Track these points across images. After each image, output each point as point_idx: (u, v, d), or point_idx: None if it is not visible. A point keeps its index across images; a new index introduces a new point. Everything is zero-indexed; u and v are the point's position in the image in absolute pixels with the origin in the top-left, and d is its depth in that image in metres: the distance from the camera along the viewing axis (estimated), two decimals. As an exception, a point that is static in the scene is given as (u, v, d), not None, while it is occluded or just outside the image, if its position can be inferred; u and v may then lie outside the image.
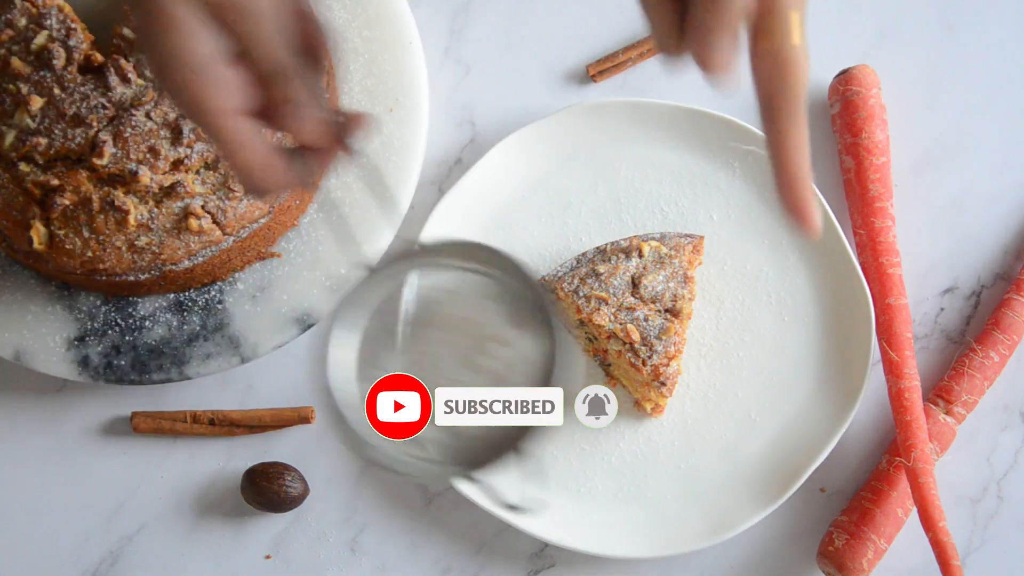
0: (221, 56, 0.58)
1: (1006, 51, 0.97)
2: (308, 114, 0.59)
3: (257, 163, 0.59)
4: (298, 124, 0.59)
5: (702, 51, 0.55)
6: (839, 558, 0.88)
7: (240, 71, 0.58)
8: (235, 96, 0.58)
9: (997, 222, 0.95)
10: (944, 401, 0.90)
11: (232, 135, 0.59)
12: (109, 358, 0.90)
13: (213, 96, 0.58)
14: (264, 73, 0.58)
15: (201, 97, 0.58)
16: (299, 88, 0.58)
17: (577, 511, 0.90)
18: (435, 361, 0.62)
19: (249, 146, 0.59)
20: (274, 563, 0.92)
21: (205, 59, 0.57)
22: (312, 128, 0.59)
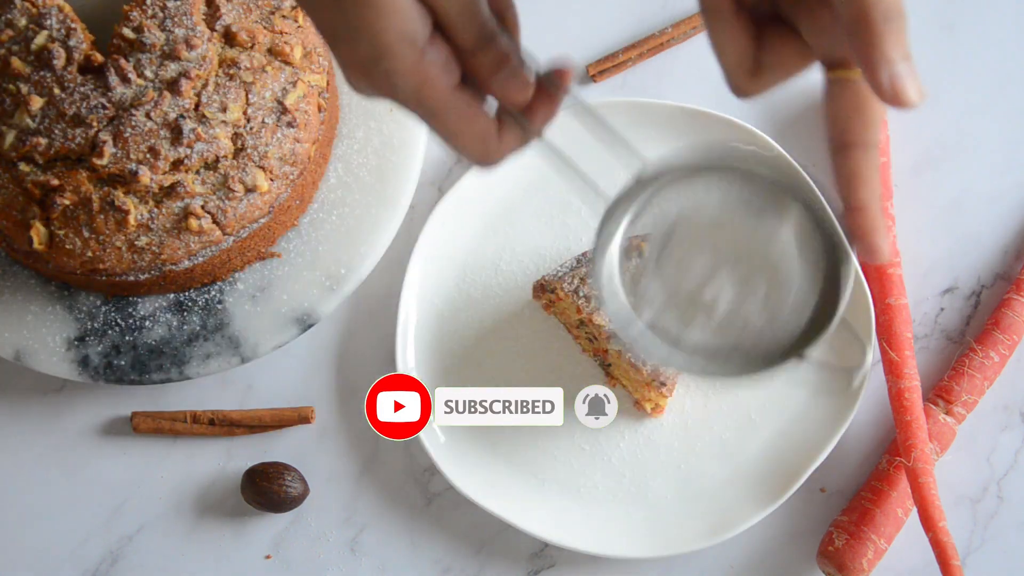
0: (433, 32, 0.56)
1: (1006, 51, 0.97)
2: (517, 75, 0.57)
3: (488, 134, 0.58)
4: (509, 86, 0.58)
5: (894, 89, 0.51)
6: (839, 558, 0.88)
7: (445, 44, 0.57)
8: (453, 71, 0.57)
9: (997, 222, 0.95)
10: (944, 401, 0.90)
11: (459, 111, 0.57)
12: (109, 358, 0.90)
13: (438, 76, 0.56)
14: (469, 42, 0.56)
15: (426, 78, 0.55)
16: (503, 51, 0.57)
17: (577, 511, 0.90)
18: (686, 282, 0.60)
19: (475, 120, 0.57)
20: (274, 563, 0.92)
21: (424, 38, 0.55)
22: (524, 87, 0.58)
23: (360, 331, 0.94)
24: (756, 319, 0.59)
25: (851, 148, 0.55)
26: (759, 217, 0.59)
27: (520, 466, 0.91)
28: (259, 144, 0.86)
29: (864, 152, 0.55)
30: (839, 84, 0.55)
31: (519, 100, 0.58)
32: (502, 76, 0.57)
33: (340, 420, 0.93)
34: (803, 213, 0.58)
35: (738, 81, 0.57)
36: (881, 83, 0.51)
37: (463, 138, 0.58)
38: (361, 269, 0.91)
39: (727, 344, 0.59)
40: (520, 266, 0.94)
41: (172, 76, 0.85)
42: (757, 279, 0.59)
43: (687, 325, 0.60)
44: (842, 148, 0.55)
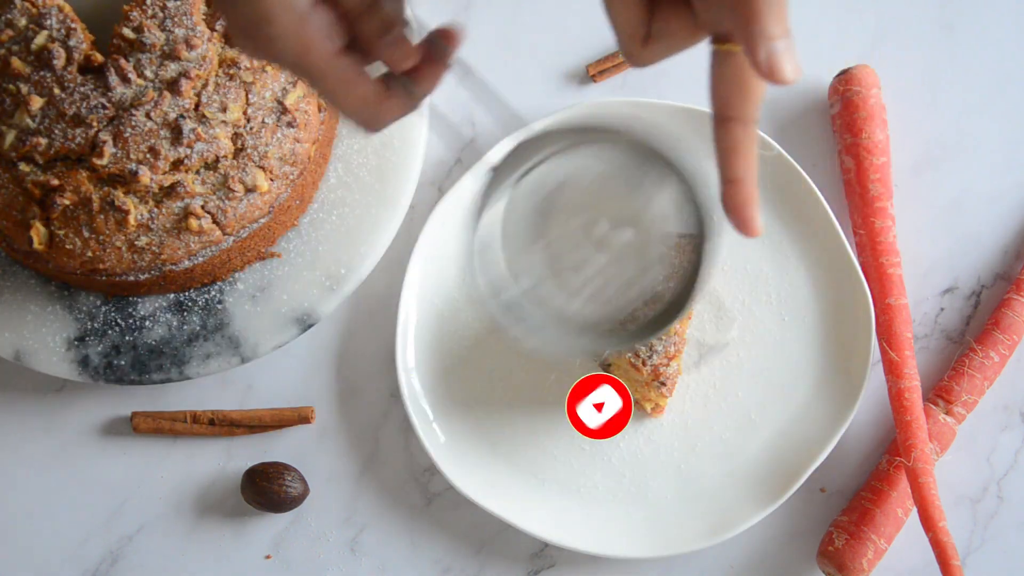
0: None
1: (1006, 51, 0.97)
2: (403, 40, 0.58)
3: (369, 98, 0.59)
4: (395, 51, 0.58)
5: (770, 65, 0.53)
6: (839, 558, 0.88)
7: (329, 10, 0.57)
8: (336, 36, 0.57)
9: (997, 222, 0.95)
10: (944, 401, 0.90)
11: (342, 76, 0.58)
12: (109, 358, 0.90)
13: (319, 40, 0.56)
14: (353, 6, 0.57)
15: (308, 42, 0.56)
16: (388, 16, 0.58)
17: (577, 511, 0.90)
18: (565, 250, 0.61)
19: (359, 83, 0.58)
20: (274, 563, 0.92)
21: (307, 3, 0.56)
22: (410, 51, 0.59)
23: (360, 331, 0.94)
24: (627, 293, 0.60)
25: (730, 121, 0.56)
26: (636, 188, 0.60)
27: (520, 466, 0.91)
28: (259, 144, 0.86)
29: (743, 126, 0.56)
30: (723, 57, 0.56)
31: (403, 64, 0.59)
32: (387, 40, 0.58)
33: (340, 420, 0.93)
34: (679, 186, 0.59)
35: (630, 49, 0.58)
36: (759, 59, 0.52)
37: (346, 102, 0.58)
38: (361, 269, 0.91)
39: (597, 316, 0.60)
40: None
41: (172, 76, 0.85)
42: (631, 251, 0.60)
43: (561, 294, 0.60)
44: (722, 121, 0.56)
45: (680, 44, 0.57)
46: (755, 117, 0.56)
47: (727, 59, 0.56)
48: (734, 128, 0.56)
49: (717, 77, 0.56)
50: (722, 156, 0.57)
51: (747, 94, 0.56)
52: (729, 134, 0.56)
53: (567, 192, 0.60)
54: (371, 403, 0.93)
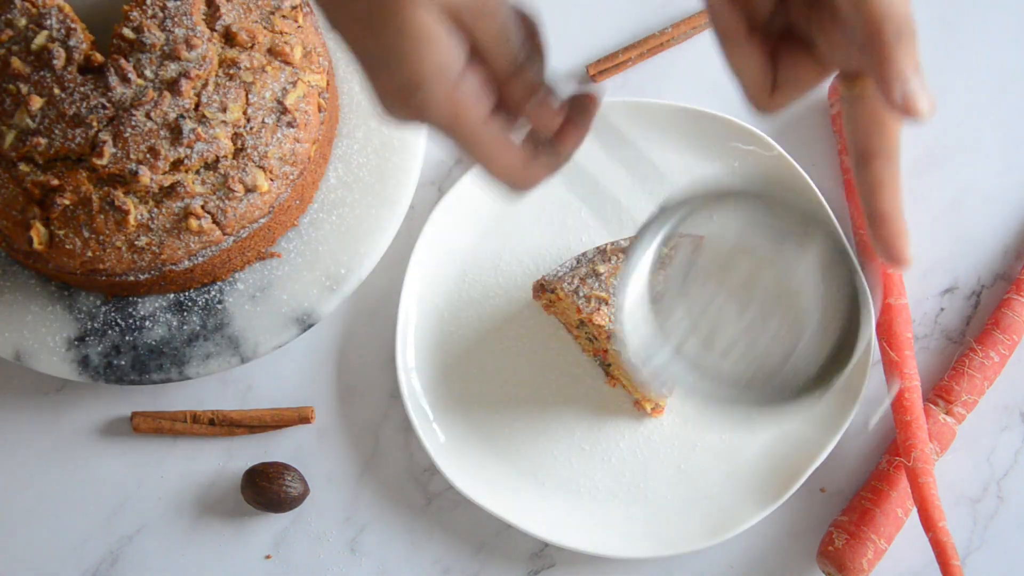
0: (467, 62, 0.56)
1: (1006, 51, 0.97)
2: (547, 101, 0.58)
3: (519, 163, 0.59)
4: (542, 113, 0.58)
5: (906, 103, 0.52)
6: (839, 558, 0.88)
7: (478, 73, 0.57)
8: (486, 100, 0.57)
9: (997, 222, 0.95)
10: (944, 401, 0.90)
11: (494, 141, 0.57)
12: (109, 358, 0.90)
13: (471, 105, 0.56)
14: (503, 70, 0.57)
15: (461, 108, 0.56)
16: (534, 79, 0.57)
17: (577, 511, 0.90)
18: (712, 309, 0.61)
19: (508, 148, 0.58)
20: (274, 563, 0.92)
21: (459, 69, 0.56)
22: (555, 114, 0.59)
23: (360, 331, 0.94)
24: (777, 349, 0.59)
25: (872, 158, 0.56)
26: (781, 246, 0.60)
27: (520, 466, 0.91)
28: (259, 144, 0.86)
29: (885, 162, 0.56)
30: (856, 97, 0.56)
31: (550, 126, 0.59)
32: (534, 103, 0.58)
33: (340, 420, 0.93)
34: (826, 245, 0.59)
35: (758, 100, 0.57)
36: (894, 98, 0.52)
37: (495, 166, 0.58)
38: (361, 269, 0.91)
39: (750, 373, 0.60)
40: (520, 266, 0.94)
41: (172, 76, 0.85)
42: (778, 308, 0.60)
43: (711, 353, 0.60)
44: (863, 159, 0.56)
45: (807, 87, 0.57)
46: (896, 151, 0.56)
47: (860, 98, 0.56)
48: (876, 164, 0.56)
49: (852, 118, 0.56)
50: (867, 193, 0.56)
51: (885, 130, 0.56)
52: (873, 171, 0.56)
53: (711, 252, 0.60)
54: (371, 403, 0.93)
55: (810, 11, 0.55)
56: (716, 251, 0.60)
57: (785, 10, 0.56)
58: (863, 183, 0.56)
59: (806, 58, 0.57)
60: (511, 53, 0.57)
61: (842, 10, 0.52)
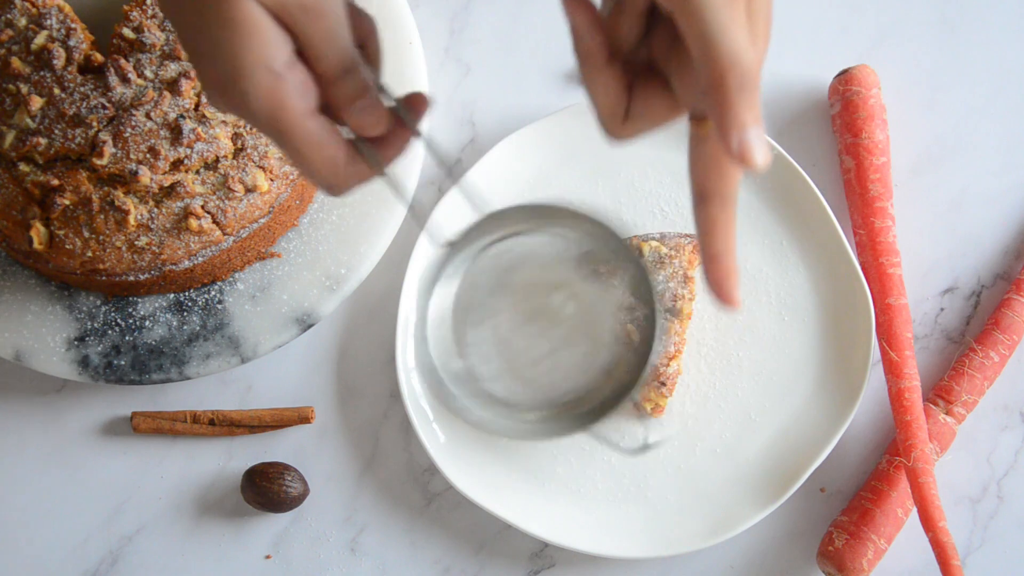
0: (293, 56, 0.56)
1: (1006, 51, 0.97)
2: (374, 106, 0.58)
3: (338, 162, 0.58)
4: (366, 118, 0.58)
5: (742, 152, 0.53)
6: (839, 558, 0.88)
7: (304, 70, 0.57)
8: (309, 96, 0.57)
9: (997, 222, 0.95)
10: (944, 401, 0.91)
11: (312, 137, 0.57)
12: (109, 358, 0.90)
13: (292, 99, 0.56)
14: (329, 70, 0.57)
15: (282, 102, 0.55)
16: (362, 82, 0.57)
17: (577, 511, 0.90)
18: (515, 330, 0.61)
19: (328, 146, 0.57)
20: (274, 563, 0.92)
21: (284, 61, 0.55)
22: (380, 119, 0.58)
23: (360, 331, 0.94)
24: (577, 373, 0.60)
25: (708, 199, 0.57)
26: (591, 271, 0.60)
27: (520, 466, 0.91)
28: (259, 144, 0.86)
29: (720, 203, 0.56)
30: (700, 138, 0.56)
31: (373, 132, 0.59)
32: (358, 107, 0.58)
33: (340, 420, 0.93)
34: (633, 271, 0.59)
35: (609, 127, 0.58)
36: (731, 145, 0.53)
37: (313, 163, 0.58)
38: (361, 269, 0.91)
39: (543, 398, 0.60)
40: None
41: (172, 76, 0.85)
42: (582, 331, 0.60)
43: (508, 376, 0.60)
44: (701, 199, 0.57)
45: (658, 122, 0.58)
46: (733, 195, 0.57)
47: (703, 140, 0.56)
48: (712, 206, 0.57)
49: (695, 156, 0.57)
50: (702, 233, 0.57)
51: (724, 173, 0.56)
52: (708, 212, 0.57)
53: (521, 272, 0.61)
54: (371, 403, 0.93)
55: (670, 51, 0.56)
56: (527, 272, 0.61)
57: (648, 45, 0.57)
58: (699, 222, 0.57)
59: (661, 94, 0.57)
60: (339, 55, 0.56)
61: (691, 51, 0.53)
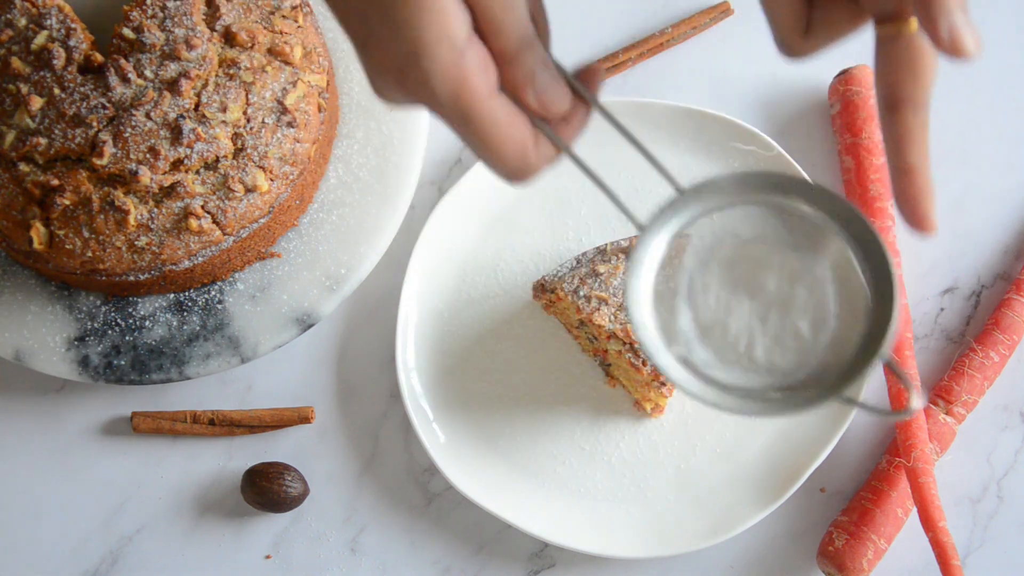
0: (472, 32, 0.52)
1: (1006, 51, 0.97)
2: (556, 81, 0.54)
3: (527, 143, 0.54)
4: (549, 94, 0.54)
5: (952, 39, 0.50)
6: (839, 558, 0.88)
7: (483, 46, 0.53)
8: (491, 75, 0.53)
9: (997, 222, 0.95)
10: (944, 401, 0.91)
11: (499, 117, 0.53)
12: (109, 358, 0.90)
13: (477, 77, 0.52)
14: (509, 47, 0.53)
15: (466, 80, 0.52)
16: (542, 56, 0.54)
17: (577, 511, 0.90)
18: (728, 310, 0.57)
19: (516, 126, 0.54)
20: (274, 563, 0.92)
21: (465, 37, 0.52)
22: (563, 95, 0.55)
23: (360, 331, 0.94)
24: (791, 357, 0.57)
25: (901, 106, 0.53)
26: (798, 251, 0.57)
27: (520, 466, 0.91)
28: (259, 144, 0.86)
29: (914, 111, 0.53)
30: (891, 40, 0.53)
31: (558, 109, 0.55)
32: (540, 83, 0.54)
33: (340, 420, 0.93)
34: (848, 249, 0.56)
35: (789, 40, 0.55)
36: (940, 34, 0.50)
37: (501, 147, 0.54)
38: (361, 269, 0.91)
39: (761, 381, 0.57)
40: (520, 266, 0.94)
41: (172, 76, 0.85)
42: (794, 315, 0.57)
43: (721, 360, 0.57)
44: (892, 106, 0.53)
45: (842, 32, 0.55)
46: (927, 101, 0.53)
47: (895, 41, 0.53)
48: (906, 113, 0.53)
49: (884, 60, 0.53)
50: (894, 145, 0.53)
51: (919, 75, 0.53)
52: (901, 120, 0.53)
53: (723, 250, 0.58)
54: (371, 403, 0.93)
55: None
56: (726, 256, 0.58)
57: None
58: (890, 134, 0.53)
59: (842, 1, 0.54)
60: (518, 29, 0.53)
61: None
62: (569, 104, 0.56)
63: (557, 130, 0.56)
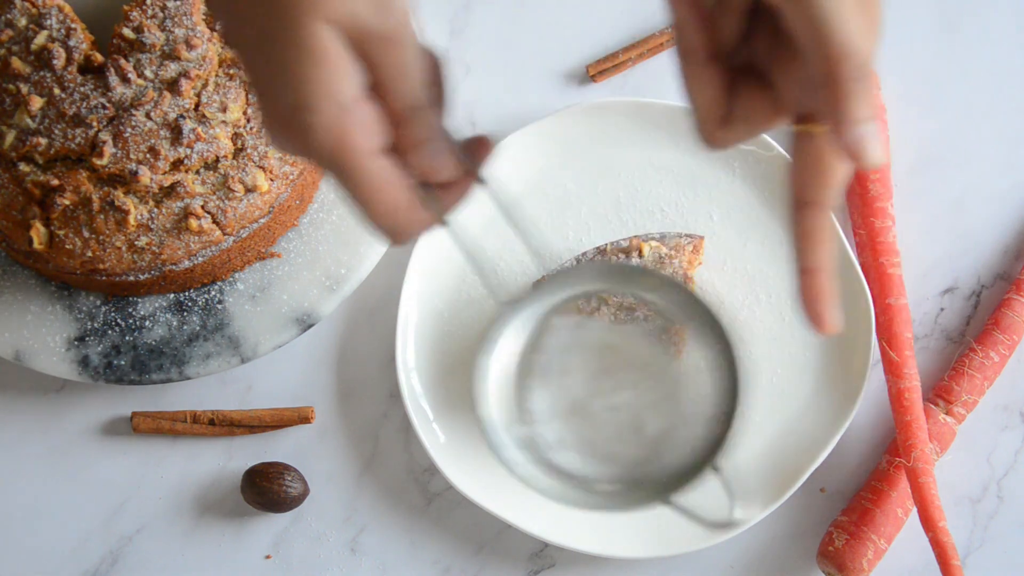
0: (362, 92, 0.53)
1: (1006, 51, 0.97)
2: (444, 149, 0.55)
3: (401, 205, 0.54)
4: (432, 161, 0.55)
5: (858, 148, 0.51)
6: (839, 558, 0.88)
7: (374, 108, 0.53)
8: (377, 135, 0.53)
9: (997, 222, 0.95)
10: (944, 401, 0.90)
11: (376, 177, 0.53)
12: (109, 358, 0.90)
13: (359, 136, 0.52)
14: (402, 109, 0.53)
15: (347, 137, 0.52)
16: (433, 124, 0.54)
17: (577, 511, 0.90)
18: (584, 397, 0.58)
19: (392, 188, 0.54)
20: (274, 563, 0.92)
21: (352, 95, 0.52)
22: (449, 163, 0.55)
23: (360, 331, 0.94)
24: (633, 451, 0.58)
25: (809, 206, 0.55)
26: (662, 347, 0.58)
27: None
28: (259, 144, 0.86)
29: (820, 212, 0.54)
30: (804, 139, 0.54)
31: (441, 176, 0.55)
32: (428, 150, 0.55)
33: (340, 420, 0.93)
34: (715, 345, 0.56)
35: (708, 130, 0.56)
36: (847, 141, 0.51)
37: (374, 207, 0.54)
38: (361, 269, 0.91)
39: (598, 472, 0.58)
40: (520, 266, 0.94)
41: (172, 76, 0.85)
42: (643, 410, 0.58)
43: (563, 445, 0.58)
44: (800, 206, 0.55)
45: (760, 126, 0.56)
46: (834, 203, 0.55)
47: (808, 140, 0.54)
48: (812, 213, 0.54)
49: (797, 159, 0.55)
50: (798, 243, 0.54)
51: (827, 178, 0.54)
52: (807, 220, 0.54)
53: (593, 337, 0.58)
54: (371, 403, 0.93)
55: (773, 47, 0.54)
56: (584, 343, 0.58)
57: (750, 44, 0.55)
58: (796, 232, 0.55)
59: (763, 96, 0.55)
60: (412, 91, 0.53)
61: (803, 44, 0.51)
62: (453, 173, 0.56)
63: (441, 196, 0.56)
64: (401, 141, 0.54)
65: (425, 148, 0.55)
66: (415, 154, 0.55)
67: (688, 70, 0.55)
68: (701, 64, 0.54)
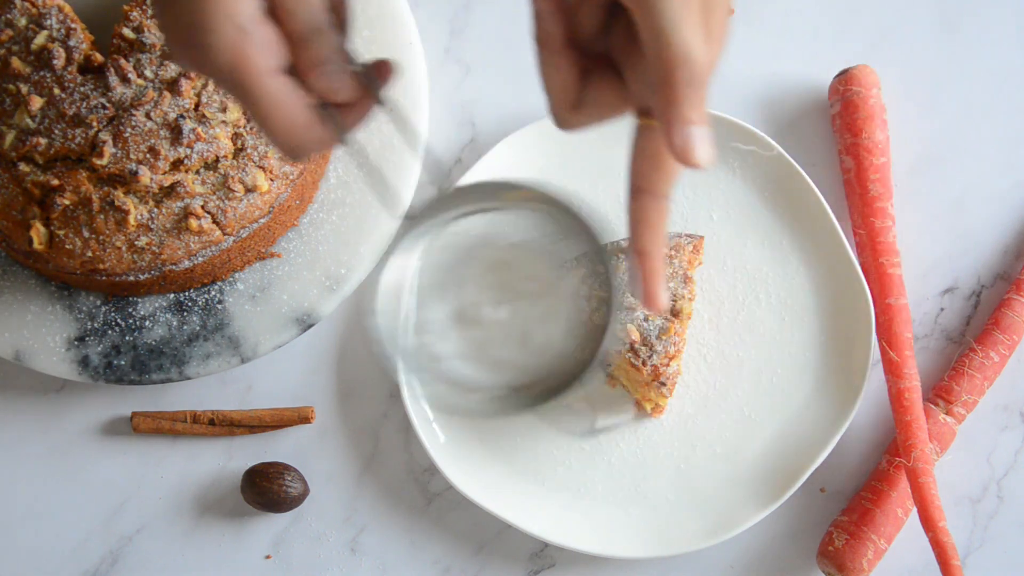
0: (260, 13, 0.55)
1: (1006, 51, 0.97)
2: (341, 71, 0.57)
3: (299, 123, 0.56)
4: (331, 82, 0.57)
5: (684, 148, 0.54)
6: (839, 558, 0.88)
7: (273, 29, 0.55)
8: (275, 55, 0.55)
9: (997, 222, 0.95)
10: (944, 401, 0.91)
11: (273, 95, 0.55)
12: (109, 358, 0.90)
13: (256, 55, 0.55)
14: (299, 31, 0.56)
15: (244, 56, 0.54)
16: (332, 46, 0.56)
17: (577, 511, 0.90)
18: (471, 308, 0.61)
19: (289, 106, 0.56)
20: (274, 563, 0.92)
21: (250, 16, 0.54)
22: (345, 84, 0.57)
23: (360, 331, 0.94)
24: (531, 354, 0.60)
25: (643, 194, 0.57)
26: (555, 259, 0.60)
27: (520, 466, 0.91)
28: (259, 144, 0.86)
29: (654, 200, 0.57)
30: (644, 131, 0.57)
31: (338, 97, 0.57)
32: (325, 70, 0.56)
33: (340, 420, 0.93)
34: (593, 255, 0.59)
35: (560, 113, 0.58)
36: (674, 141, 0.53)
37: (271, 123, 0.56)
38: (361, 269, 0.91)
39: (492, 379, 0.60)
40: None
41: (172, 76, 0.85)
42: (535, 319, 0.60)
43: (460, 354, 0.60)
44: (635, 192, 0.57)
45: (607, 113, 0.58)
46: (667, 193, 0.57)
47: (647, 133, 0.57)
48: (646, 201, 0.57)
49: (636, 149, 0.57)
50: (632, 227, 0.58)
51: (662, 169, 0.57)
52: (640, 206, 0.57)
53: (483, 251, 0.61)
54: (371, 403, 0.93)
55: (626, 44, 0.56)
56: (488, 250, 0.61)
57: (607, 36, 0.57)
58: (631, 217, 0.57)
59: (613, 86, 0.57)
60: (309, 14, 0.55)
61: (645, 47, 0.53)
62: (353, 94, 0.58)
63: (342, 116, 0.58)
64: (300, 62, 0.56)
65: (323, 69, 0.56)
66: (313, 75, 0.57)
67: (545, 56, 0.57)
68: (557, 52, 0.57)
